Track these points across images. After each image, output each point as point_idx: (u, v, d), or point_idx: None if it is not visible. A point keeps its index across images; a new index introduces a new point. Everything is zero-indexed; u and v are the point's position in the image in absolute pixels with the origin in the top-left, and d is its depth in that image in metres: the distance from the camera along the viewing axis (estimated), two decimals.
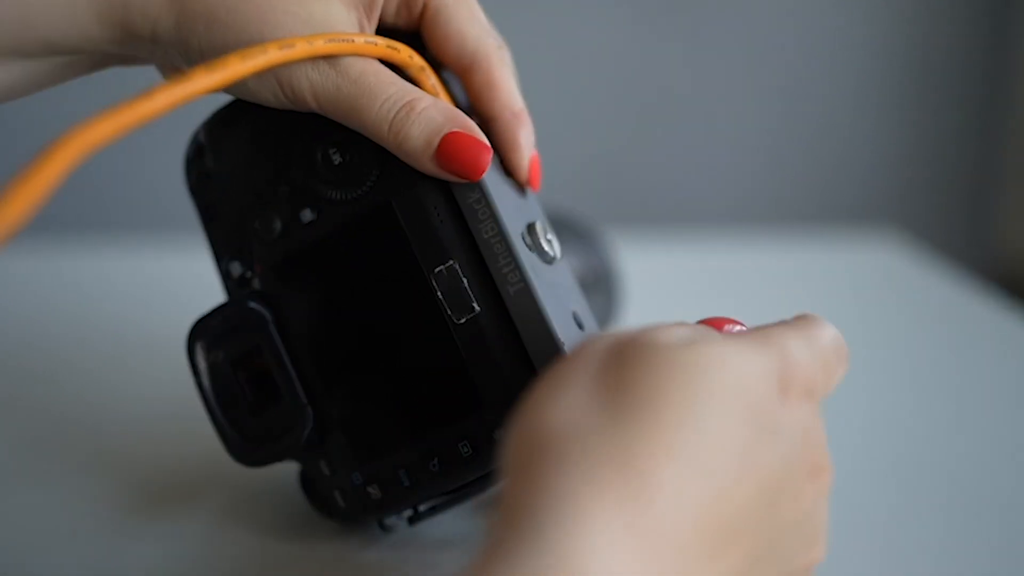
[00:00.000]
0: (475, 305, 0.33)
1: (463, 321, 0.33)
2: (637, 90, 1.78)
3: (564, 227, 0.53)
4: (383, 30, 0.36)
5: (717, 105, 1.80)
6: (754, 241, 0.86)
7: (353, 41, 0.33)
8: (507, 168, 0.37)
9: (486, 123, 0.36)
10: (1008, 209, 1.87)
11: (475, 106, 0.37)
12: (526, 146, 0.36)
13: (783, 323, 0.30)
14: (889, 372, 0.58)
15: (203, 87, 0.29)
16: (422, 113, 0.33)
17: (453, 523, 0.39)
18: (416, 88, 0.34)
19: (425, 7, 0.36)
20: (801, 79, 1.81)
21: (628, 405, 0.25)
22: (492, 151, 0.33)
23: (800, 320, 0.30)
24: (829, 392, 0.30)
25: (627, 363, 0.26)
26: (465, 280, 0.33)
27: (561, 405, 0.26)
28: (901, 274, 0.79)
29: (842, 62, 1.81)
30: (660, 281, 0.74)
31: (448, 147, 0.33)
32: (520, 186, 0.37)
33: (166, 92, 0.27)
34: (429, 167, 0.33)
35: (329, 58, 0.33)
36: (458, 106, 0.36)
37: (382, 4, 0.35)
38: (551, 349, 0.32)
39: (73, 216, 1.70)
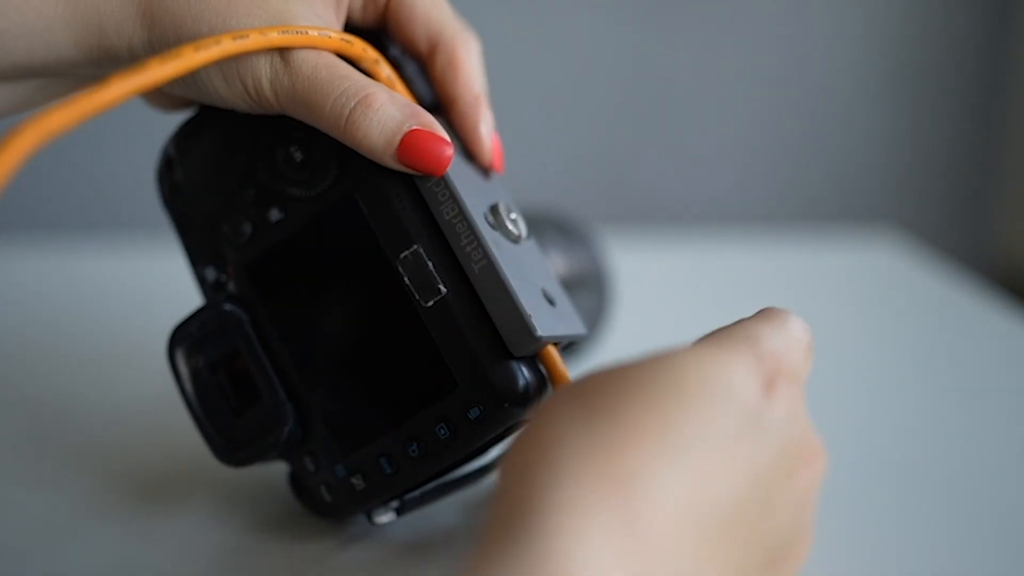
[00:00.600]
0: (441, 287, 0.33)
1: (431, 304, 0.34)
2: (631, 87, 1.77)
3: (555, 226, 0.53)
4: (349, 29, 0.37)
5: (714, 103, 1.79)
6: (752, 241, 0.86)
7: (307, 33, 0.33)
8: (469, 152, 0.37)
9: (447, 106, 0.37)
10: (1007, 209, 1.87)
11: (437, 88, 0.37)
12: (486, 130, 0.37)
13: (747, 318, 0.30)
14: (888, 372, 0.57)
15: (158, 76, 0.29)
16: (380, 110, 0.33)
17: (443, 520, 0.39)
18: (372, 81, 0.34)
19: None
20: (799, 77, 1.80)
21: (610, 411, 0.26)
22: (453, 145, 0.34)
23: (764, 312, 0.31)
24: (807, 374, 0.30)
25: (608, 379, 0.27)
26: (430, 263, 0.34)
27: (549, 419, 0.26)
28: (901, 274, 0.79)
29: (841, 61, 1.80)
30: (655, 281, 0.74)
31: (409, 145, 0.33)
32: (484, 169, 0.38)
33: (121, 81, 0.28)
34: (391, 164, 0.34)
35: (284, 55, 0.33)
36: (418, 100, 0.37)
37: (348, 1, 0.36)
38: (519, 323, 0.33)
39: (69, 216, 1.70)
